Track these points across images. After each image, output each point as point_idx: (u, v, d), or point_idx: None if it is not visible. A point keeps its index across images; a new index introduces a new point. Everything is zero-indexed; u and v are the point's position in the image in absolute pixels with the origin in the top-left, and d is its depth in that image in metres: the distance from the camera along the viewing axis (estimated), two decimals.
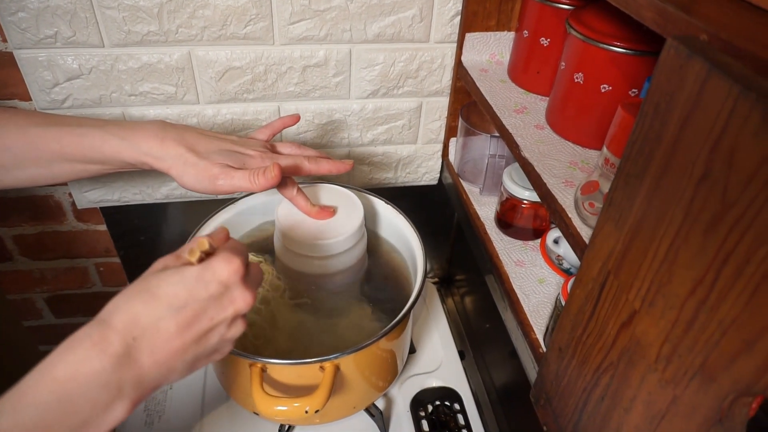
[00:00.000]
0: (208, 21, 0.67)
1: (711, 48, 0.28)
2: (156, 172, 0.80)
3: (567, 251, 0.66)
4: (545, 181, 0.54)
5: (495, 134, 0.71)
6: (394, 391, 0.83)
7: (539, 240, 0.71)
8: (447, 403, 0.83)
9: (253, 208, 0.78)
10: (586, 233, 0.48)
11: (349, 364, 0.62)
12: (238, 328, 0.44)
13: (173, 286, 0.40)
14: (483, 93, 0.69)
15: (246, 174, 0.54)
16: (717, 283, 0.28)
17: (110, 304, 0.39)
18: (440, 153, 0.89)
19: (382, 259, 0.79)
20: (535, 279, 0.66)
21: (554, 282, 0.65)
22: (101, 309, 0.39)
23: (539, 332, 0.59)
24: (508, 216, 0.71)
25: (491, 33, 0.75)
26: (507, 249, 0.70)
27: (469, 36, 0.74)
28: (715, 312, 0.28)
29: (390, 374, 0.74)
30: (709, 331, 0.28)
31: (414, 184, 0.93)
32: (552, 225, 0.71)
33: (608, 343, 0.38)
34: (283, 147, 0.63)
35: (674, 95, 0.29)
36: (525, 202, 0.68)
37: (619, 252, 0.36)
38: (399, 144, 0.86)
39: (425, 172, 0.92)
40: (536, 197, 0.62)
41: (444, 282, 1.11)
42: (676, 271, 0.31)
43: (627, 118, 0.43)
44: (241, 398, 0.68)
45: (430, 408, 0.82)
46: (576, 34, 0.54)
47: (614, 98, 0.54)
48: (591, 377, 0.41)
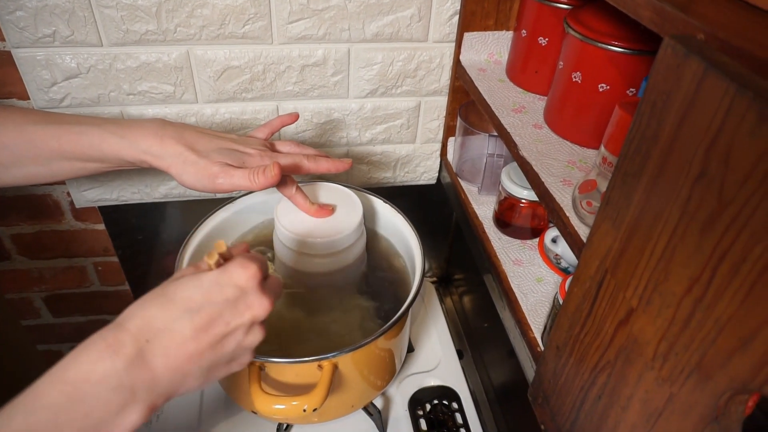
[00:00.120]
0: (207, 20, 0.67)
1: (708, 47, 0.28)
2: (154, 171, 0.80)
3: (565, 250, 0.67)
4: (543, 180, 0.54)
5: (493, 134, 0.71)
6: (393, 390, 0.83)
7: (537, 239, 0.71)
8: (445, 402, 0.83)
9: (252, 207, 0.78)
10: (584, 232, 0.48)
11: (348, 363, 0.62)
12: (257, 336, 0.43)
13: (189, 291, 0.40)
14: (481, 92, 0.69)
15: (246, 173, 0.54)
16: (713, 282, 0.28)
17: (127, 310, 0.39)
18: (439, 152, 0.89)
19: (381, 259, 0.79)
20: (533, 278, 0.66)
21: (552, 281, 0.65)
22: (100, 308, 0.39)
23: (537, 331, 0.59)
24: (507, 215, 0.71)
25: (489, 32, 0.75)
26: (505, 248, 0.70)
27: (468, 35, 0.74)
28: (712, 310, 0.28)
29: (388, 373, 0.74)
30: (706, 329, 0.28)
31: (412, 184, 0.93)
32: (550, 224, 0.71)
33: (605, 342, 0.39)
34: (283, 145, 0.62)
35: (671, 94, 0.29)
36: (523, 202, 0.68)
37: (617, 250, 0.36)
38: (397, 143, 0.87)
39: (424, 172, 0.92)
40: (534, 196, 0.62)
41: (442, 281, 1.11)
42: (673, 270, 0.31)
43: (624, 117, 0.43)
44: (239, 397, 0.68)
45: (429, 407, 0.82)
46: (574, 34, 0.54)
47: (612, 97, 0.54)
48: (588, 376, 0.41)
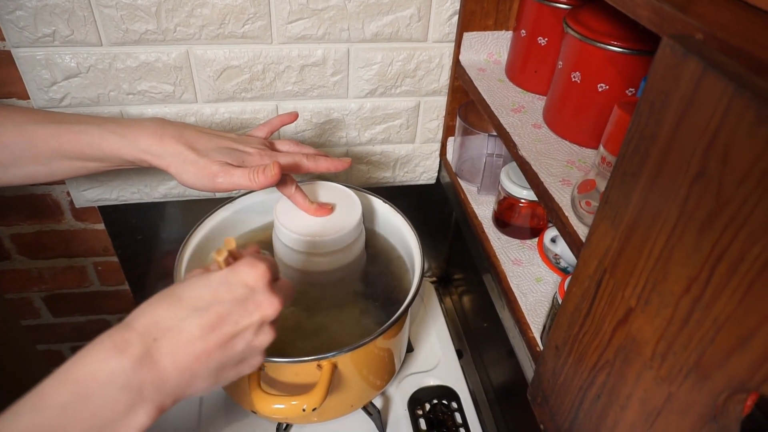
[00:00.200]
0: (206, 20, 0.67)
1: (706, 47, 0.28)
2: (154, 171, 0.80)
3: (564, 250, 0.67)
4: (542, 180, 0.54)
5: (493, 133, 0.71)
6: (392, 390, 0.83)
7: (537, 239, 0.71)
8: (444, 402, 0.83)
9: (252, 207, 0.78)
10: (583, 232, 0.48)
11: (347, 363, 0.62)
12: (267, 337, 0.42)
13: (197, 290, 0.39)
14: (481, 92, 0.69)
15: (246, 172, 0.54)
16: (711, 281, 0.28)
17: (135, 310, 0.39)
18: (438, 152, 0.89)
19: (380, 258, 0.79)
20: (533, 278, 0.66)
21: (551, 281, 0.66)
22: (99, 308, 0.39)
23: (536, 331, 0.59)
24: (506, 215, 0.71)
25: (489, 32, 0.75)
26: (504, 248, 0.70)
27: (467, 35, 0.74)
28: (710, 309, 0.28)
29: (387, 373, 0.74)
30: (704, 329, 0.29)
31: (412, 184, 0.93)
32: (549, 224, 0.71)
33: (604, 341, 0.39)
34: (282, 145, 0.63)
35: (669, 94, 0.29)
36: (522, 201, 0.68)
37: (615, 250, 0.36)
38: (397, 143, 0.87)
39: (423, 172, 0.92)
40: (533, 196, 0.62)
41: (442, 281, 1.11)
42: (671, 269, 0.31)
43: (623, 117, 0.43)
44: (239, 397, 0.68)
45: (428, 406, 0.82)
46: (573, 34, 0.54)
47: (611, 97, 0.54)
48: (587, 375, 0.41)
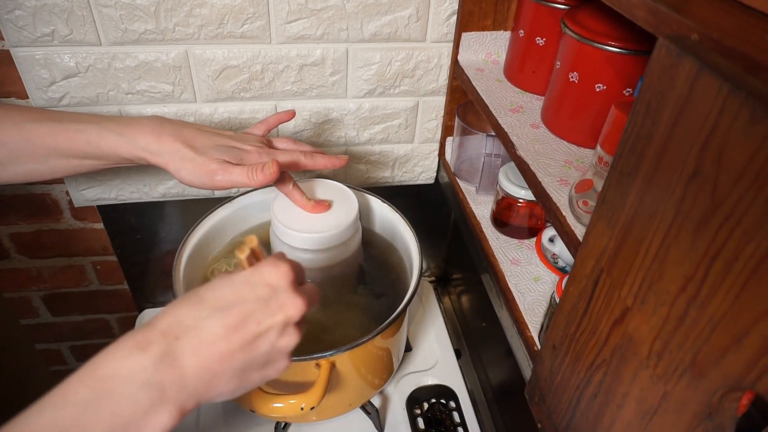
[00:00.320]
0: (205, 19, 0.68)
1: (702, 47, 0.29)
2: (153, 170, 0.81)
3: (562, 250, 0.67)
4: (540, 180, 0.54)
5: (491, 133, 0.71)
6: (390, 389, 0.83)
7: (535, 239, 0.71)
8: (443, 401, 0.83)
9: (251, 206, 0.78)
10: (581, 231, 0.48)
11: (345, 362, 0.63)
12: (292, 338, 0.41)
13: (220, 290, 0.39)
14: (479, 92, 0.69)
15: (244, 170, 0.54)
16: (707, 280, 0.28)
17: (160, 311, 0.39)
18: (437, 152, 0.89)
19: (379, 258, 0.79)
20: (531, 277, 0.66)
21: (549, 280, 0.66)
22: (98, 307, 0.39)
23: (534, 330, 0.59)
24: (504, 215, 0.72)
25: (487, 32, 0.75)
26: (503, 247, 0.70)
27: (466, 35, 0.74)
28: (705, 308, 0.28)
29: (386, 372, 0.74)
30: (699, 327, 0.29)
31: (411, 183, 0.93)
32: (547, 224, 0.72)
33: (601, 340, 0.39)
34: (280, 142, 0.63)
35: (665, 94, 0.30)
36: (521, 201, 0.68)
37: (612, 250, 0.37)
38: (396, 143, 0.87)
39: (422, 171, 0.92)
40: (532, 196, 0.62)
41: (441, 280, 1.11)
42: (667, 269, 0.31)
43: (620, 117, 0.43)
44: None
45: (426, 406, 0.82)
46: (571, 34, 0.54)
47: (609, 97, 0.54)
48: (584, 374, 0.41)
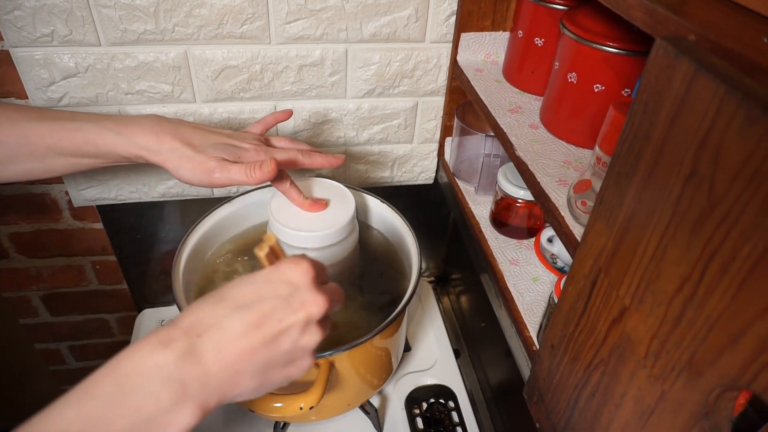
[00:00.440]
0: (205, 20, 0.68)
1: (698, 48, 0.29)
2: (152, 170, 0.81)
3: (561, 250, 0.67)
4: (539, 180, 0.55)
5: (490, 134, 0.71)
6: (389, 389, 0.84)
7: (533, 239, 0.72)
8: (442, 401, 0.83)
9: (250, 206, 0.78)
10: (579, 231, 0.48)
11: (344, 361, 0.63)
12: (314, 336, 0.41)
13: (241, 289, 0.40)
14: (478, 92, 0.70)
15: (242, 167, 0.54)
16: (703, 280, 0.28)
17: (183, 311, 0.40)
18: (436, 152, 0.89)
19: (378, 258, 0.79)
20: (529, 277, 0.66)
21: (548, 280, 0.66)
22: (98, 307, 0.39)
23: (533, 330, 0.59)
24: (503, 215, 0.72)
25: (486, 33, 0.75)
26: (502, 248, 0.71)
27: (465, 36, 0.75)
28: (702, 308, 0.28)
29: (385, 372, 0.74)
30: (696, 327, 0.29)
31: (410, 183, 0.94)
32: (546, 224, 0.72)
33: (599, 340, 0.39)
34: (278, 141, 0.63)
35: (662, 94, 0.30)
36: (519, 201, 0.68)
37: (610, 250, 0.37)
38: (395, 143, 0.87)
39: (421, 172, 0.92)
40: (530, 196, 0.62)
41: (440, 280, 1.11)
42: (664, 268, 0.31)
43: (618, 118, 0.44)
44: None
45: (425, 405, 0.83)
46: (569, 34, 0.55)
47: (607, 98, 0.54)
48: (582, 374, 0.42)
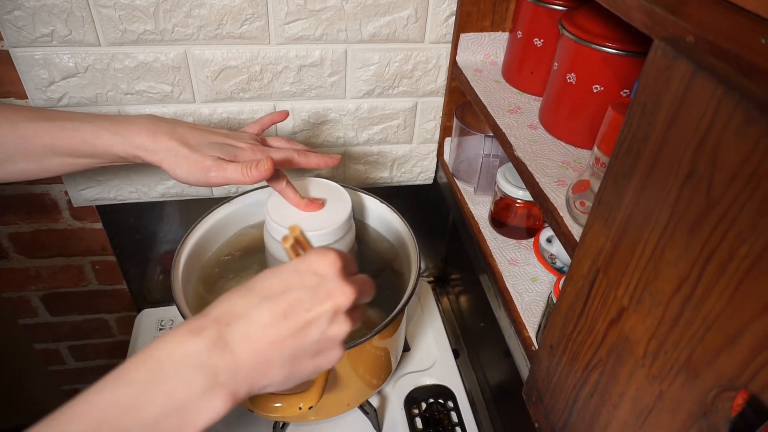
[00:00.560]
0: (204, 20, 0.68)
1: (697, 49, 0.29)
2: (151, 171, 0.81)
3: (560, 250, 0.67)
4: (538, 181, 0.55)
5: (489, 134, 0.71)
6: (389, 389, 0.84)
7: (532, 239, 0.72)
8: (441, 401, 0.83)
9: (249, 206, 0.78)
10: (578, 232, 0.48)
11: (343, 361, 0.63)
12: (342, 327, 0.41)
13: (268, 280, 0.41)
14: (477, 93, 0.70)
15: (239, 167, 0.55)
16: (701, 280, 0.28)
17: (214, 302, 0.40)
18: (435, 153, 0.90)
19: (377, 258, 0.79)
20: (528, 277, 0.66)
21: (547, 280, 0.66)
22: (97, 307, 0.39)
23: (532, 330, 0.60)
24: (502, 215, 0.72)
25: (486, 33, 0.75)
26: (501, 248, 0.71)
27: (464, 36, 0.75)
28: (700, 308, 0.28)
29: (384, 372, 0.74)
30: (694, 327, 0.29)
31: (409, 184, 0.94)
32: (545, 224, 0.72)
33: (597, 340, 0.39)
34: (274, 141, 0.64)
35: (661, 95, 0.30)
36: (518, 202, 0.68)
37: (608, 250, 0.37)
38: (394, 144, 0.87)
39: (420, 172, 0.92)
40: (529, 196, 0.62)
41: (439, 281, 1.11)
42: (663, 269, 0.31)
43: (617, 118, 0.44)
44: None
45: (424, 406, 0.83)
46: (568, 35, 0.55)
47: (606, 98, 0.54)
48: (581, 374, 0.42)
